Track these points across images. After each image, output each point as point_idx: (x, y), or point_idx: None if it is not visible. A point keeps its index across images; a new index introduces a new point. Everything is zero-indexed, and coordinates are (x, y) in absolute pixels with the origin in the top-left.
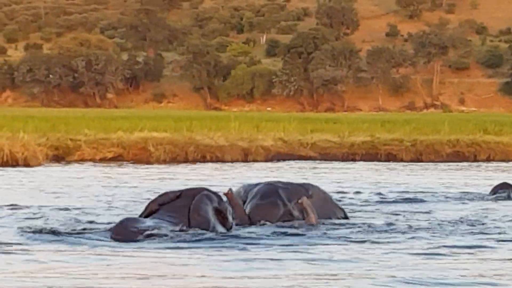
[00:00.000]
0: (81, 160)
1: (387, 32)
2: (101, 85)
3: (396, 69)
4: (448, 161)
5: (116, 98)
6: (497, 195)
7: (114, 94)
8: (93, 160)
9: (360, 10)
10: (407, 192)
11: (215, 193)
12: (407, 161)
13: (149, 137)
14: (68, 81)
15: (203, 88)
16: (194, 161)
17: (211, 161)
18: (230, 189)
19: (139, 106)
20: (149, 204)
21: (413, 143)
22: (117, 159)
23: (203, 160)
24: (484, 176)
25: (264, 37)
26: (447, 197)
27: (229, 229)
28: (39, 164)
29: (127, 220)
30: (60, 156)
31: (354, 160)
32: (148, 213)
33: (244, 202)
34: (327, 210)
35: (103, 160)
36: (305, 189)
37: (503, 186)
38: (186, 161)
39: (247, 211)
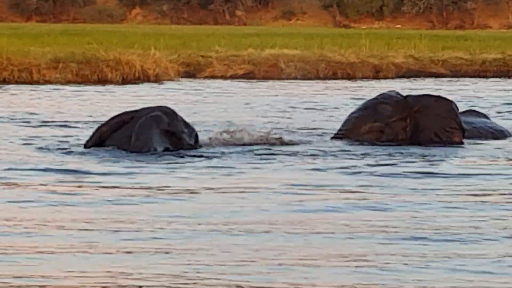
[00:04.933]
0: (212, 77)
1: None
2: (230, 2)
3: None
4: None
5: (245, 16)
6: None
7: (243, 11)
8: (224, 76)
9: None
10: None
11: (169, 113)
12: None
13: (280, 54)
14: None
15: (332, 6)
16: (325, 78)
17: (342, 78)
18: None
19: (268, 24)
20: (99, 128)
21: None
22: (248, 75)
23: (334, 77)
24: None
25: None
26: None
27: (186, 149)
28: (170, 80)
29: None
30: (191, 72)
31: (485, 77)
32: (97, 138)
33: None
34: (442, 126)
35: (233, 76)
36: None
37: None
38: (317, 78)
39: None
